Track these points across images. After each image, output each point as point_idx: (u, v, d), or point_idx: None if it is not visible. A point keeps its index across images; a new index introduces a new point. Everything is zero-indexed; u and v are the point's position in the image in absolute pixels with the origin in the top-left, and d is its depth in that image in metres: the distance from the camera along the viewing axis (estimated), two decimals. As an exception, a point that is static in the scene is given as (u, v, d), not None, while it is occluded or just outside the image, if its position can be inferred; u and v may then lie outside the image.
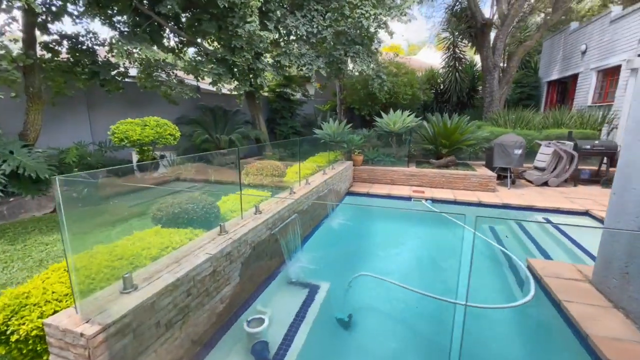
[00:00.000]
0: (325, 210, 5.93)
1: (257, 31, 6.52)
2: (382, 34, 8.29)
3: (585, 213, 5.97)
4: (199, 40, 8.14)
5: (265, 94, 10.59)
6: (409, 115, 8.26)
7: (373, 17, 7.40)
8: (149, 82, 7.43)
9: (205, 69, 7.52)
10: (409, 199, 7.08)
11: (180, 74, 8.53)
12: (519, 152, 7.55)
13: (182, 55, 8.65)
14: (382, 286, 3.79)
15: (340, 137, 8.22)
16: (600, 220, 5.60)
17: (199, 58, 8.23)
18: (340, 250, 4.88)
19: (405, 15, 7.35)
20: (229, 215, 3.66)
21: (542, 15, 14.71)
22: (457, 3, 14.02)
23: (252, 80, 8.32)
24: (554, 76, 12.43)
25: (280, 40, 8.49)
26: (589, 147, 7.64)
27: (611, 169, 7.86)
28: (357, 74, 9.78)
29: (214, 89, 7.98)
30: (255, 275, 3.36)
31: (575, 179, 7.90)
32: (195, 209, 3.19)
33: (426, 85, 13.75)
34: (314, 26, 7.82)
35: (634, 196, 2.73)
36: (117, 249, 2.55)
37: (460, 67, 14.49)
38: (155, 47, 7.50)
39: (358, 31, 8.01)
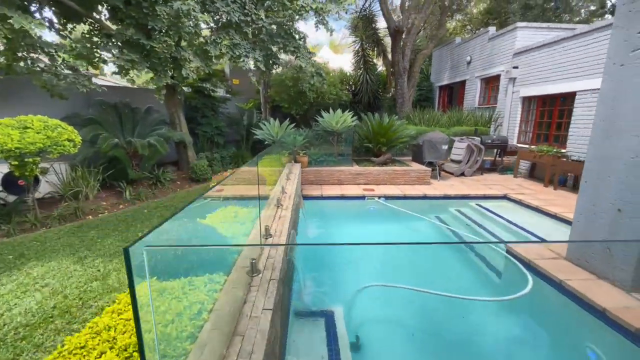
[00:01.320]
0: (297, 218, 5.37)
1: (193, 11, 5.35)
2: (321, 31, 8.03)
3: (504, 197, 7.14)
4: (97, 16, 6.25)
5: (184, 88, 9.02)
6: (350, 116, 8.31)
7: (314, 11, 7.07)
8: (20, 67, 5.28)
9: (110, 54, 5.81)
10: (362, 198, 7.11)
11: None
12: (445, 147, 8.53)
13: (66, 34, 6.49)
14: (394, 294, 3.59)
15: (284, 137, 7.65)
16: (517, 202, 6.79)
17: (97, 39, 6.32)
18: (330, 262, 4.46)
19: (346, 11, 7.28)
20: (232, 239, 2.81)
21: (429, 28, 17.11)
22: (363, 10, 15.00)
23: (173, 71, 6.91)
24: (445, 82, 14.66)
25: (209, 27, 7.30)
26: (490, 141, 9.23)
27: (505, 159, 9.74)
28: (288, 70, 9.30)
29: (125, 80, 6.26)
30: (276, 317, 2.66)
31: (481, 168, 9.44)
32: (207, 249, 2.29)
33: (340, 86, 14.26)
34: (248, 14, 6.99)
35: (610, 184, 3.25)
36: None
37: (369, 69, 15.56)
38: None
39: (296, 25, 7.56)
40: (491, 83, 11.46)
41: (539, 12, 15.89)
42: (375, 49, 15.90)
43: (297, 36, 7.63)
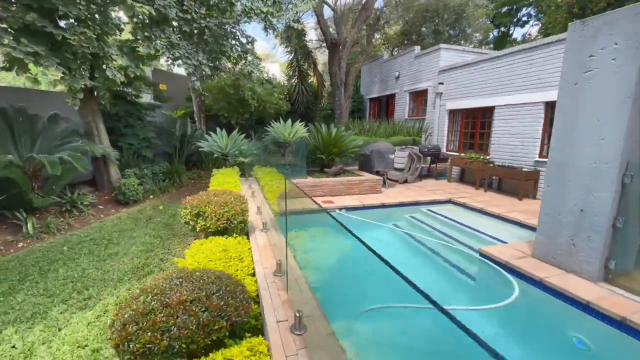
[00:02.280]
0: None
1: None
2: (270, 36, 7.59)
3: (449, 201, 7.75)
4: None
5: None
6: (302, 126, 8.02)
7: (264, 15, 6.64)
8: None
9: None
10: (325, 211, 6.86)
11: None
12: (392, 156, 8.91)
13: None
14: (400, 314, 3.41)
15: (235, 149, 6.92)
16: (461, 205, 7.43)
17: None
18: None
19: (298, 21, 7.04)
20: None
21: (358, 44, 18.08)
22: (294, 22, 15.03)
23: (93, 71, 5.63)
24: (375, 94, 15.60)
25: (136, 20, 6.16)
26: (426, 150, 10.04)
27: (438, 166, 10.69)
28: (227, 76, 8.56)
29: (23, 79, 4.79)
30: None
31: (420, 175, 10.18)
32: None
33: (280, 96, 13.94)
34: (188, 11, 6.16)
35: (572, 187, 3.68)
36: None
37: (303, 80, 15.61)
38: None
39: (243, 29, 6.98)
40: (419, 97, 12.59)
41: (447, 37, 18.31)
42: (306, 61, 16.08)
43: (244, 40, 7.06)
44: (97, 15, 5.03)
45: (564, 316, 3.36)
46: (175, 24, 6.07)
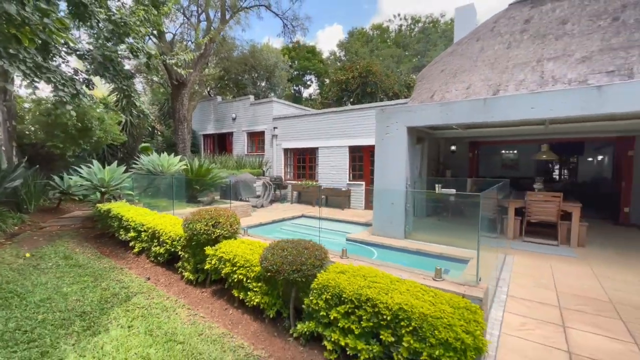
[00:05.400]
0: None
1: None
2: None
3: (302, 216, 10.37)
4: None
5: None
6: (178, 159, 8.39)
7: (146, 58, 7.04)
8: None
9: None
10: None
11: None
12: (255, 185, 10.64)
13: None
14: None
15: (117, 182, 6.56)
16: (311, 217, 10.20)
17: None
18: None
19: (158, 29, 7.57)
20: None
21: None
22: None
23: None
24: (210, 131, 16.69)
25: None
26: (273, 179, 12.43)
27: (282, 192, 13.24)
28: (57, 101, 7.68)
29: None
30: None
31: (271, 200, 12.38)
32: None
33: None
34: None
35: (387, 197, 7.02)
36: None
37: (132, 114, 14.52)
38: None
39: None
40: (257, 136, 15.01)
41: (264, 88, 22.20)
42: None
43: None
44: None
45: (397, 255, 6.43)
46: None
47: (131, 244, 5.47)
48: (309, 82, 31.89)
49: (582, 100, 5.02)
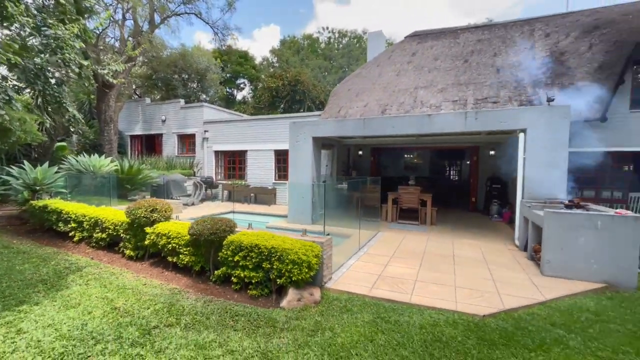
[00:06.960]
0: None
1: None
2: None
3: (232, 212, 11.67)
4: None
5: None
6: (110, 160, 9.04)
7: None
8: None
9: None
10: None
11: None
12: (186, 184, 11.58)
13: None
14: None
15: (50, 182, 7.17)
16: (240, 212, 11.57)
17: None
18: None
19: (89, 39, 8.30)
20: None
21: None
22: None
23: None
24: (138, 132, 16.73)
25: None
26: (204, 179, 13.43)
27: (212, 191, 14.23)
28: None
29: None
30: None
31: (202, 199, 13.34)
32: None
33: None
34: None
35: (300, 191, 8.85)
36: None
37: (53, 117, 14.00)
38: None
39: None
40: (187, 139, 15.69)
41: (196, 90, 22.54)
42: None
43: None
44: None
45: (303, 239, 8.27)
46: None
47: (71, 234, 6.27)
48: (242, 85, 32.68)
49: (419, 124, 7.50)
